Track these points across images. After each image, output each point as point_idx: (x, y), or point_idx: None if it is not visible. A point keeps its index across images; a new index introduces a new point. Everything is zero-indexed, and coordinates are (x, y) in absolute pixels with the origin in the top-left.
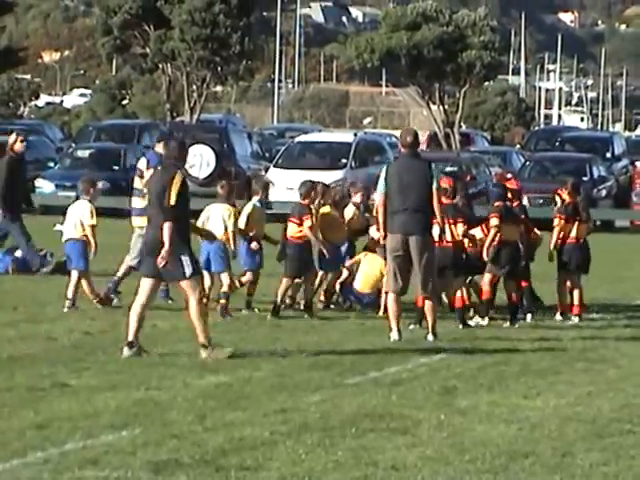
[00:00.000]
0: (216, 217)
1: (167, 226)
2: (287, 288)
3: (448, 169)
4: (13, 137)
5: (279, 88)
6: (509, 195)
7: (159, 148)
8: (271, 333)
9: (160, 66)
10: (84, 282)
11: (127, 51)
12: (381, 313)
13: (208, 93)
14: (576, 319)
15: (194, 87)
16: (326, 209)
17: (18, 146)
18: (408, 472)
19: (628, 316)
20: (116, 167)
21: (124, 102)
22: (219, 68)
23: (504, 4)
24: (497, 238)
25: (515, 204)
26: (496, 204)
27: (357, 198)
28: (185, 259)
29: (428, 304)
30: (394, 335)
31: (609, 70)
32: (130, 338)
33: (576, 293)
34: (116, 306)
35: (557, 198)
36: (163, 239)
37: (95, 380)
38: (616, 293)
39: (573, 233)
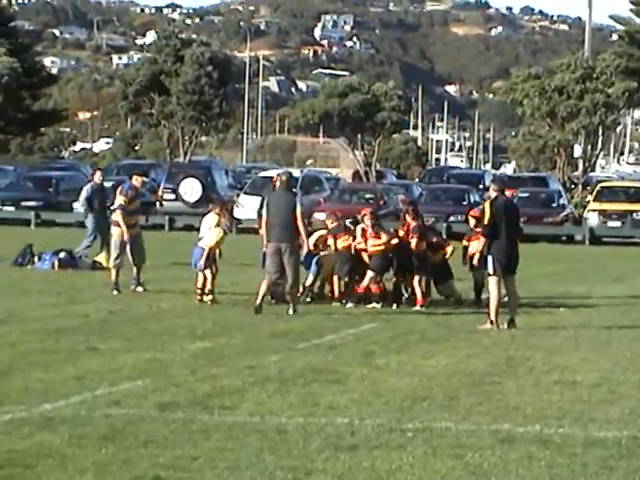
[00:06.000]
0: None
1: (483, 239)
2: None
3: (367, 196)
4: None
5: (247, 138)
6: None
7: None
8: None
9: (162, 122)
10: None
11: (139, 111)
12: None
13: (196, 142)
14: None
15: (186, 137)
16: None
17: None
18: (340, 410)
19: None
20: None
21: (136, 148)
22: (204, 124)
23: (407, 79)
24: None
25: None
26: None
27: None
28: (490, 259)
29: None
30: (257, 301)
31: (481, 126)
32: (492, 318)
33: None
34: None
35: (470, 218)
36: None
37: (117, 345)
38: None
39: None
